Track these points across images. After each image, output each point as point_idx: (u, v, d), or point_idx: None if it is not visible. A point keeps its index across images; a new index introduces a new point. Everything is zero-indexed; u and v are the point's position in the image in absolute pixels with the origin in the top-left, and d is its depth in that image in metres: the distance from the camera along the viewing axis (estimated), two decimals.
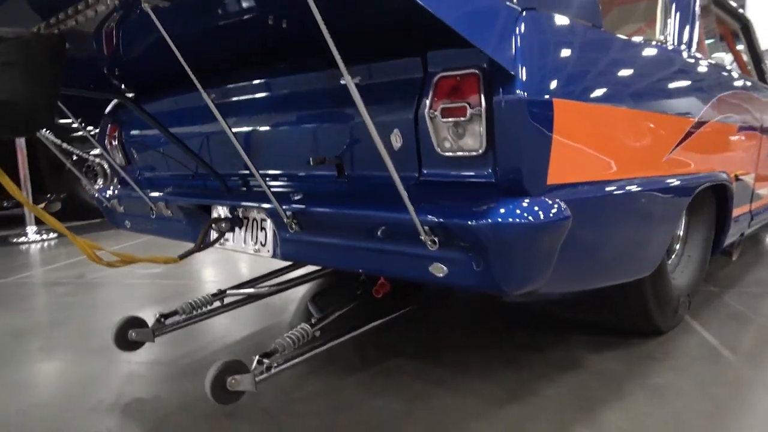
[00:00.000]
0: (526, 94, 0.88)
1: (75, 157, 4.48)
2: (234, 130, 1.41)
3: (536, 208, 0.90)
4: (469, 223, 0.90)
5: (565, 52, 0.98)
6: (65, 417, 1.32)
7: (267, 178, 1.39)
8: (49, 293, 2.52)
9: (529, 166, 0.93)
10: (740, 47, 3.00)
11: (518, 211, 0.90)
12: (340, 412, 1.29)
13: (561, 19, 0.99)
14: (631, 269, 1.31)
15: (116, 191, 1.88)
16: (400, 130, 1.05)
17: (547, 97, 0.92)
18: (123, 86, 1.81)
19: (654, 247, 1.35)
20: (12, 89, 1.06)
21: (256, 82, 1.35)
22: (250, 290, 1.81)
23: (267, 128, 1.32)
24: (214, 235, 1.52)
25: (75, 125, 1.87)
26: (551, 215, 0.91)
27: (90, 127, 1.81)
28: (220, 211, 1.52)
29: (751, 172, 2.19)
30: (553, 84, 0.94)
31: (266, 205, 1.26)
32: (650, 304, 1.56)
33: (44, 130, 1.17)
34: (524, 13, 0.92)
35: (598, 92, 1.04)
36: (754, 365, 1.48)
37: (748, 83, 2.21)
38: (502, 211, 0.90)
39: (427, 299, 1.84)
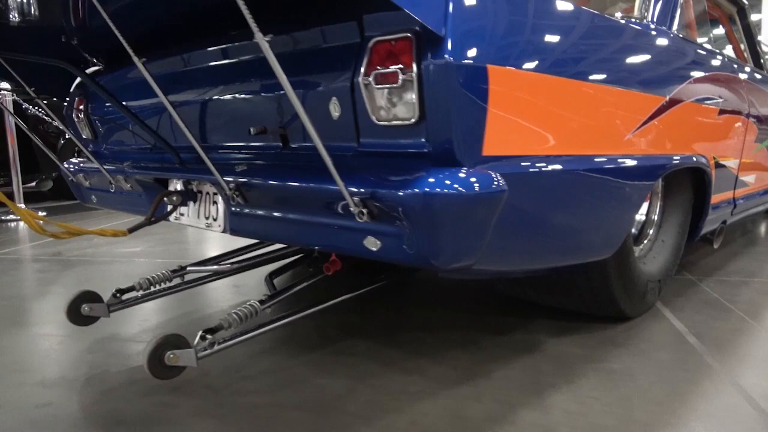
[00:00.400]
0: (455, 59, 0.84)
1: (67, 136, 4.46)
2: (181, 101, 1.37)
3: (467, 180, 0.86)
4: (397, 193, 0.86)
5: (507, 16, 0.93)
6: (9, 390, 1.30)
7: (216, 151, 1.36)
8: (23, 269, 2.51)
9: (462, 136, 0.89)
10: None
11: (447, 182, 0.86)
12: (284, 389, 1.27)
13: None
14: (584, 250, 1.27)
15: (81, 166, 1.86)
16: (338, 99, 1.01)
17: (481, 62, 0.87)
18: (90, 57, 1.77)
19: (612, 229, 1.31)
20: None
21: (198, 52, 1.31)
22: (214, 267, 1.78)
23: (213, 99, 1.29)
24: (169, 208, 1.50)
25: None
26: (483, 187, 0.87)
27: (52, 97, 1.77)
28: (176, 184, 1.49)
29: (735, 158, 2.13)
30: (490, 49, 0.89)
31: (211, 178, 1.23)
32: (615, 288, 1.52)
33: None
34: None
35: (545, 61, 1.00)
36: (718, 353, 1.44)
37: (735, 66, 2.15)
38: (431, 181, 0.86)
39: (398, 278, 1.81)
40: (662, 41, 1.57)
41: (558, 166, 1.04)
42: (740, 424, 1.09)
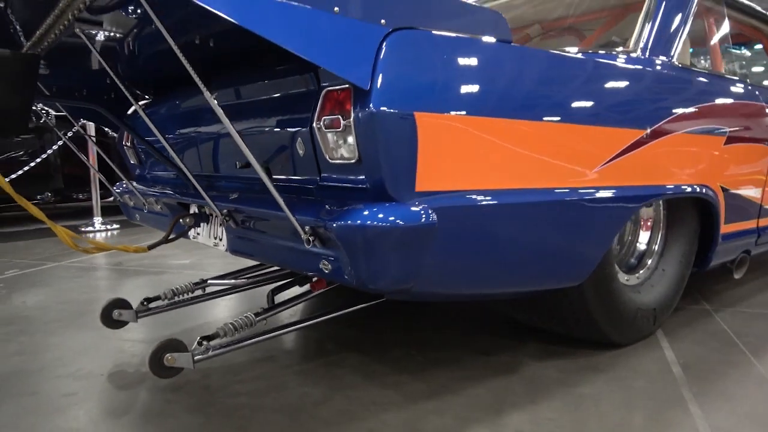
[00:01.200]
0: (382, 108, 0.96)
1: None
2: (189, 138, 1.58)
3: (395, 213, 0.98)
4: (334, 224, 0.99)
5: (434, 67, 1.04)
6: (46, 380, 1.53)
7: (219, 180, 1.55)
8: (87, 277, 2.83)
9: (394, 174, 1.01)
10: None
11: (380, 215, 0.98)
12: (270, 393, 1.42)
13: (436, 35, 1.06)
14: (546, 278, 1.34)
15: (125, 188, 2.11)
16: (302, 139, 1.16)
17: (408, 110, 0.99)
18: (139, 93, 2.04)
19: (575, 258, 1.37)
20: None
21: (195, 97, 1.51)
22: (231, 281, 1.97)
23: (213, 138, 1.48)
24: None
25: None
26: (410, 220, 0.99)
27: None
28: (193, 208, 1.69)
29: (756, 187, 2.08)
30: (418, 98, 1.01)
31: (209, 203, 1.41)
32: (596, 314, 1.56)
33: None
34: (393, 32, 1.00)
35: (475, 105, 1.09)
36: (697, 386, 1.44)
37: (756, 93, 2.11)
38: (364, 214, 0.98)
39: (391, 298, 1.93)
40: (653, 74, 1.60)
41: (497, 200, 1.13)
42: None
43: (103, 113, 1.76)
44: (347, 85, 1.02)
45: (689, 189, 1.68)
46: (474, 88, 1.10)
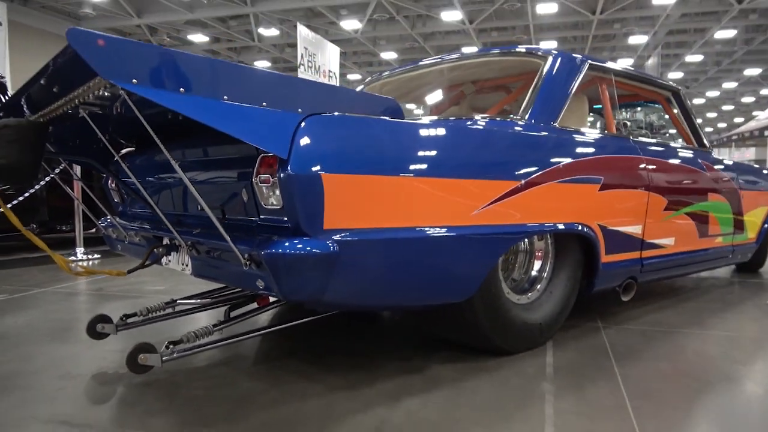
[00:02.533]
0: (296, 172, 1.38)
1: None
2: (162, 183, 1.98)
3: (304, 245, 1.39)
4: (262, 252, 1.39)
5: (337, 139, 1.47)
6: (39, 380, 1.88)
7: (186, 218, 1.94)
8: (72, 300, 3.17)
9: (306, 217, 1.41)
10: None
11: (297, 246, 1.39)
12: (221, 388, 1.79)
13: (338, 117, 1.48)
14: (434, 294, 1.75)
15: (109, 221, 2.49)
16: (245, 189, 1.57)
17: (316, 172, 1.41)
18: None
19: (460, 279, 1.78)
20: (11, 156, 1.67)
21: (163, 155, 1.92)
22: (197, 301, 2.35)
23: (181, 185, 1.88)
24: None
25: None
26: (315, 249, 1.39)
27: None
28: (165, 240, 2.07)
29: (635, 224, 2.53)
30: (324, 163, 1.42)
31: (177, 237, 1.80)
32: (486, 326, 1.96)
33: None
34: (306, 117, 1.42)
35: (370, 166, 1.51)
36: (559, 382, 1.84)
37: (637, 148, 2.58)
38: (286, 244, 1.39)
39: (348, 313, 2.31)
40: (528, 137, 2.05)
41: (386, 235, 1.54)
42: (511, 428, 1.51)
43: (94, 164, 2.16)
44: (273, 153, 1.43)
45: (563, 227, 2.11)
46: (367, 154, 1.52)
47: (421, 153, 1.67)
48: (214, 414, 1.59)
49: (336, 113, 1.50)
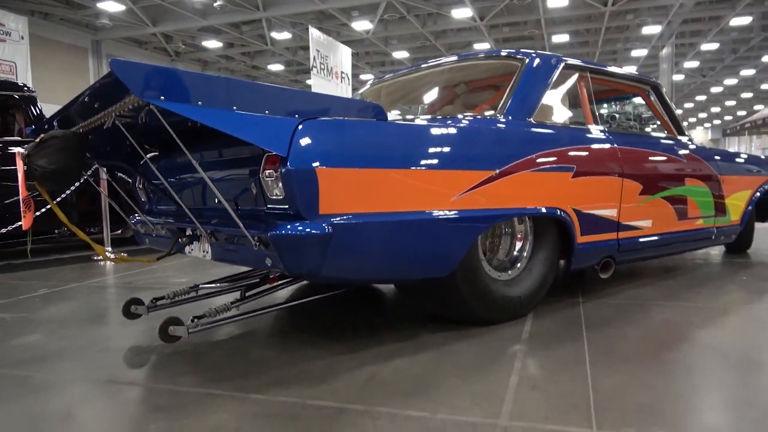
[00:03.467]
0: (295, 167, 1.67)
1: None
2: (184, 181, 2.29)
3: (304, 227, 1.68)
4: (268, 234, 1.69)
5: (329, 139, 1.75)
6: (86, 352, 2.20)
7: (206, 210, 2.25)
8: (104, 292, 3.51)
9: (304, 205, 1.70)
10: None
11: (297, 228, 1.68)
12: (239, 355, 2.09)
13: (330, 120, 1.77)
14: (418, 270, 2.03)
15: (138, 218, 2.81)
16: (254, 183, 1.87)
17: (312, 167, 1.70)
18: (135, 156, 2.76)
19: (442, 256, 2.06)
20: (59, 163, 1.99)
21: (183, 158, 2.22)
22: (217, 284, 2.66)
23: (200, 183, 2.19)
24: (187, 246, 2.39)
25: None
26: (313, 230, 1.68)
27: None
28: (188, 231, 2.38)
29: (609, 208, 2.78)
30: (319, 159, 1.71)
31: (199, 227, 2.10)
32: (468, 300, 2.24)
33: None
34: (302, 121, 1.71)
35: (359, 161, 1.79)
36: (531, 344, 2.11)
37: (611, 137, 2.83)
38: (287, 227, 1.68)
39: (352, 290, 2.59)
40: (502, 131, 2.32)
41: (375, 219, 1.82)
42: (473, 390, 1.79)
43: (125, 167, 2.48)
44: (276, 152, 1.73)
45: (536, 211, 2.37)
46: (356, 151, 1.81)
47: (401, 149, 1.95)
48: (233, 373, 1.89)
49: (328, 117, 1.79)
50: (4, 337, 2.44)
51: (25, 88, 5.38)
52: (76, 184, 5.39)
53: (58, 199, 5.30)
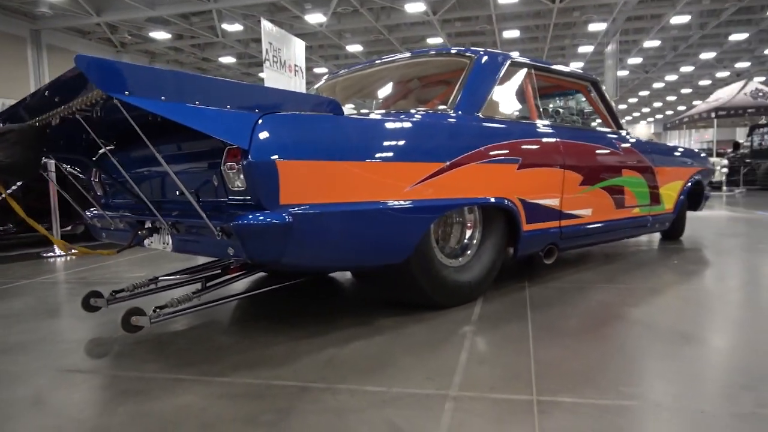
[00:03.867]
0: (255, 159, 1.75)
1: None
2: (145, 174, 2.33)
3: (264, 216, 1.76)
4: (230, 223, 1.76)
5: (288, 132, 1.84)
6: (47, 344, 2.21)
7: (167, 203, 2.29)
8: (58, 287, 3.48)
9: (265, 195, 1.79)
10: None
11: (259, 217, 1.76)
12: (200, 343, 2.15)
13: (288, 115, 1.86)
14: (375, 257, 2.14)
15: (95, 213, 2.81)
16: (215, 175, 1.94)
17: (272, 159, 1.78)
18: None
19: (396, 244, 2.18)
20: (16, 155, 2.00)
21: (142, 151, 2.26)
22: (177, 276, 2.70)
23: (160, 175, 2.23)
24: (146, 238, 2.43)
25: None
26: (272, 219, 1.77)
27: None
28: (148, 223, 2.42)
29: (553, 198, 2.97)
30: (278, 151, 1.79)
31: (160, 219, 2.14)
32: (423, 285, 2.37)
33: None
34: (262, 116, 1.79)
35: (315, 153, 1.89)
36: (480, 325, 2.26)
37: (552, 131, 3.01)
38: (248, 217, 1.76)
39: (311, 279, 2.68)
40: (450, 125, 2.46)
41: (332, 209, 1.92)
42: (407, 364, 1.93)
43: (83, 160, 2.49)
44: (237, 145, 1.80)
45: (483, 200, 2.52)
46: (313, 144, 1.90)
47: (357, 142, 2.05)
48: (197, 359, 1.96)
49: (286, 112, 1.88)
50: None
51: None
52: (20, 181, 5.25)
53: (2, 195, 5.15)
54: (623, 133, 3.77)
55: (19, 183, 4.92)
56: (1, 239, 5.87)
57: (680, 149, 4.43)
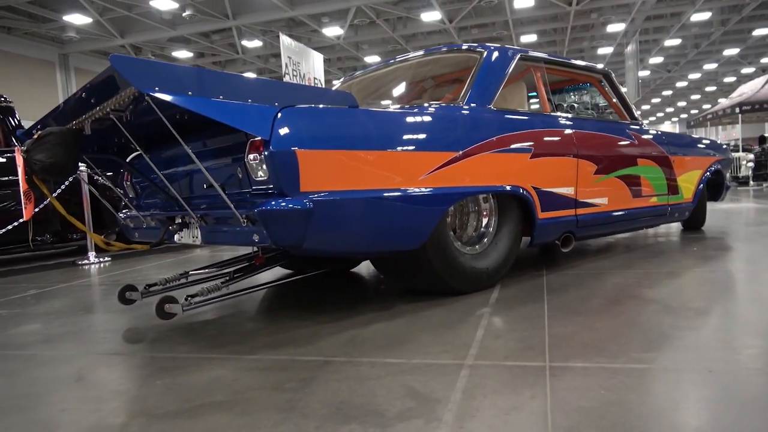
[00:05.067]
0: (276, 149, 1.86)
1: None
2: (174, 172, 2.47)
3: (287, 203, 1.87)
4: (255, 210, 1.88)
5: (307, 124, 1.95)
6: (89, 334, 2.35)
7: (195, 197, 2.43)
8: (93, 289, 3.65)
9: (286, 183, 1.90)
10: None
11: (281, 204, 1.87)
12: (230, 328, 2.27)
13: (306, 108, 1.97)
14: (391, 242, 2.23)
15: (128, 214, 2.97)
16: (240, 167, 2.06)
17: (292, 149, 1.89)
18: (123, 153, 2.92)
19: (412, 230, 2.27)
20: (57, 156, 2.15)
21: (170, 152, 2.39)
22: (206, 271, 2.83)
23: (187, 173, 2.37)
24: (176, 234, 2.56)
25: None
26: (295, 205, 1.87)
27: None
28: (178, 219, 2.55)
29: (568, 186, 3.02)
30: (298, 142, 1.91)
31: (190, 212, 2.27)
32: (440, 272, 2.45)
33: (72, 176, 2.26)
34: (282, 109, 1.91)
35: (334, 143, 2.00)
36: (497, 307, 2.33)
37: (567, 122, 3.08)
38: (271, 203, 1.87)
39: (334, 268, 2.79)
40: (463, 116, 2.54)
41: (352, 195, 2.02)
42: (438, 343, 2.00)
43: (117, 160, 2.65)
44: (260, 137, 1.92)
45: (497, 189, 2.60)
46: (330, 133, 2.01)
47: (371, 132, 2.16)
48: (227, 341, 2.08)
49: (304, 105, 1.99)
50: (3, 328, 2.58)
51: (2, 99, 5.46)
52: (59, 189, 5.50)
53: (39, 207, 5.39)
54: (637, 123, 3.80)
55: (62, 186, 5.15)
56: (39, 249, 6.12)
57: (696, 139, 4.44)
